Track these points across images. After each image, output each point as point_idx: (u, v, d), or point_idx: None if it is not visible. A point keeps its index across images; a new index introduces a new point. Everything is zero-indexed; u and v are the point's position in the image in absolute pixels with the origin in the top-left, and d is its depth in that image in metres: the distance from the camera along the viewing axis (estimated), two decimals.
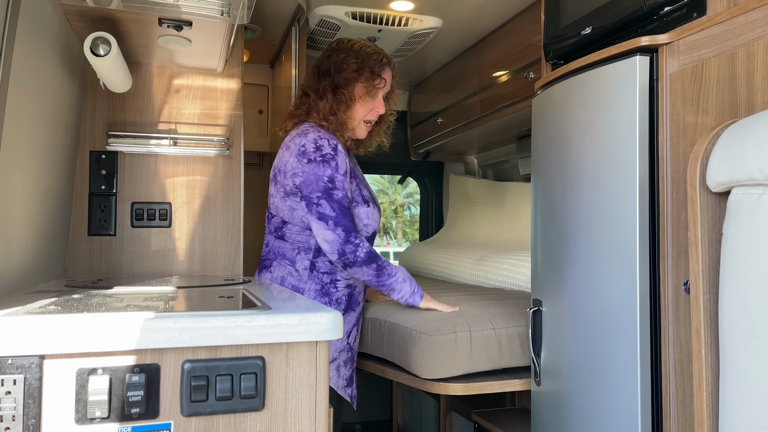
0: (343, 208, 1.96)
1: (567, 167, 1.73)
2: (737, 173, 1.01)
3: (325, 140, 1.99)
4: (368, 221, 2.08)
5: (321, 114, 2.06)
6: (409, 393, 3.44)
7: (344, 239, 1.94)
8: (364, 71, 2.08)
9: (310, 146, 1.97)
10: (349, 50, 2.10)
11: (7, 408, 0.96)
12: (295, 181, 1.98)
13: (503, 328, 2.03)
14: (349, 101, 2.07)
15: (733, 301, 1.00)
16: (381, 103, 2.14)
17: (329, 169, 1.95)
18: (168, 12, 1.78)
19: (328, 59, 2.11)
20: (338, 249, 1.94)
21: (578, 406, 1.67)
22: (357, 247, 1.95)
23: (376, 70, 2.09)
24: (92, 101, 2.26)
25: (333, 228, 1.93)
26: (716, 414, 1.07)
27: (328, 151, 1.97)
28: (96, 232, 2.24)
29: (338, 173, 1.97)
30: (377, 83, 2.10)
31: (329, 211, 1.94)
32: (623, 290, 1.51)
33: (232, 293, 1.54)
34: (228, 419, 1.07)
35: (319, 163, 1.95)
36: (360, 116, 2.12)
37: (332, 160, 1.97)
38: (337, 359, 2.07)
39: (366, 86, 2.09)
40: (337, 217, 1.94)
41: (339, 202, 1.95)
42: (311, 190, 1.95)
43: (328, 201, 1.94)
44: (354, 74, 2.07)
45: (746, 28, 1.26)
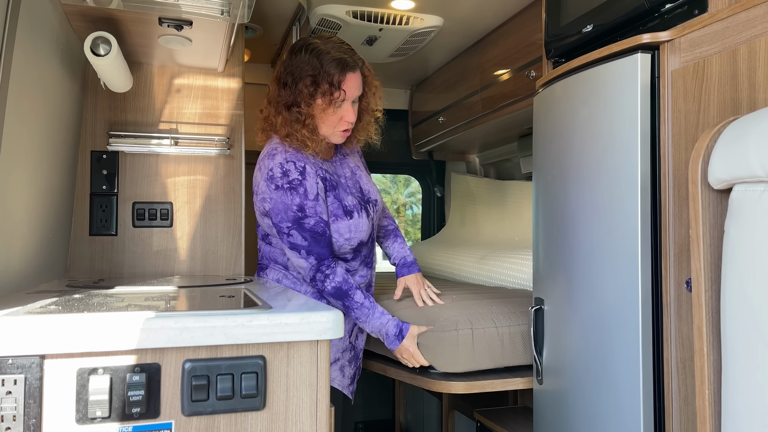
0: (316, 234, 1.89)
1: (568, 165, 1.73)
2: (739, 170, 1.01)
3: (292, 163, 1.87)
4: (350, 234, 1.97)
5: (280, 132, 1.92)
6: (412, 392, 3.44)
7: (316, 267, 1.91)
8: (322, 84, 1.86)
9: (277, 171, 1.87)
10: (309, 56, 1.88)
11: (7, 408, 0.96)
12: (265, 206, 1.91)
13: (505, 326, 2.03)
14: (306, 119, 1.88)
15: (736, 299, 1.00)
16: (349, 111, 1.93)
17: (297, 196, 1.86)
18: (168, 11, 1.78)
19: (286, 67, 1.92)
20: (310, 275, 1.93)
21: (580, 404, 1.67)
22: (326, 278, 1.90)
23: (335, 81, 1.87)
24: (93, 101, 2.26)
25: (305, 257, 1.91)
26: (719, 412, 1.06)
27: (294, 177, 1.86)
28: (97, 232, 2.24)
29: (308, 199, 1.87)
30: (337, 96, 1.88)
31: (300, 240, 1.89)
32: (625, 288, 1.50)
33: (233, 293, 1.54)
34: (229, 419, 1.07)
35: (286, 191, 1.86)
36: (327, 130, 1.94)
37: (300, 186, 1.86)
38: (341, 359, 2.07)
39: (325, 100, 1.88)
40: (309, 246, 1.89)
41: (311, 230, 1.88)
42: (281, 219, 1.88)
43: (298, 231, 1.88)
44: (311, 89, 1.87)
45: (748, 24, 1.25)
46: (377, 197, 2.14)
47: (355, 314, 1.95)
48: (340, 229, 1.96)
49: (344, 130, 1.97)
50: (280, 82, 1.93)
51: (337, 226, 1.95)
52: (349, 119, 1.94)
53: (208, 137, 2.36)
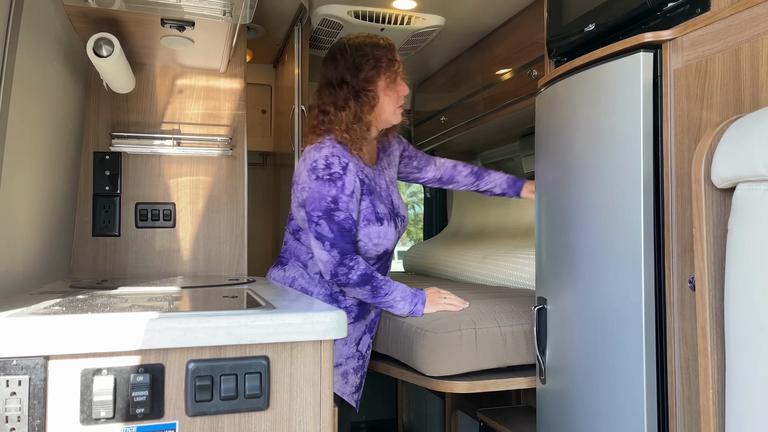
0: (343, 230, 1.93)
1: (571, 165, 1.73)
2: (742, 169, 1.01)
3: (337, 158, 1.95)
4: (379, 240, 2.03)
5: (344, 125, 1.99)
6: (415, 391, 3.44)
7: (338, 261, 1.93)
8: (381, 62, 2.01)
9: (321, 163, 1.94)
10: (355, 49, 2.02)
11: (12, 409, 0.96)
12: (303, 195, 1.98)
13: (508, 326, 2.03)
14: (373, 100, 2.01)
15: (739, 298, 1.00)
16: (403, 85, 2.08)
17: (334, 189, 1.92)
18: (170, 12, 1.78)
19: (336, 68, 2.03)
20: (331, 270, 1.94)
21: (584, 403, 1.67)
22: (350, 270, 1.93)
23: (390, 56, 2.03)
24: (96, 102, 2.26)
25: (329, 249, 1.92)
26: (723, 411, 1.06)
27: (336, 170, 1.94)
28: (100, 232, 2.24)
29: (343, 193, 1.93)
30: (396, 68, 2.04)
31: (327, 232, 1.92)
32: (628, 287, 1.50)
33: (236, 293, 1.54)
34: (233, 419, 1.07)
35: (325, 182, 1.93)
36: (391, 108, 2.06)
37: (339, 179, 1.93)
38: (344, 365, 2.06)
39: (387, 76, 2.02)
40: (335, 239, 1.92)
41: (339, 224, 1.92)
42: (313, 207, 1.93)
43: (327, 222, 1.92)
44: (374, 71, 2.01)
45: (751, 23, 1.25)
46: (405, 214, 2.21)
47: (383, 291, 1.99)
48: (371, 233, 2.01)
49: (401, 107, 2.10)
50: (334, 84, 2.03)
51: (368, 230, 2.01)
52: (405, 92, 2.08)
53: (210, 138, 2.36)
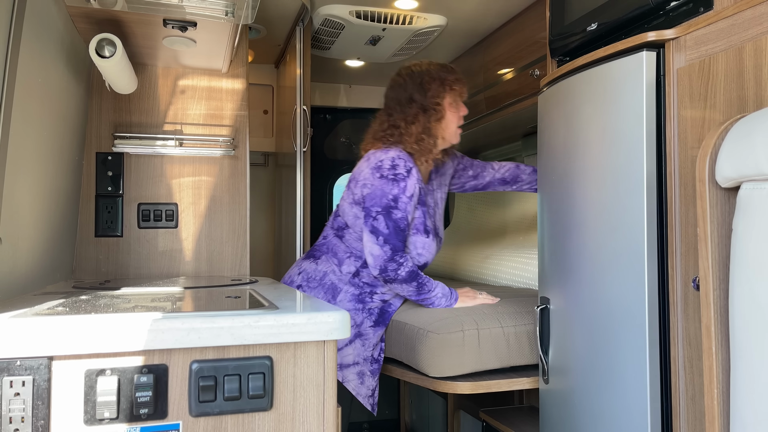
0: (398, 228, 2.02)
1: (573, 164, 1.72)
2: (747, 168, 1.00)
3: (402, 161, 2.06)
4: (422, 251, 2.12)
5: (414, 137, 2.12)
6: (417, 392, 3.44)
7: (389, 257, 2.00)
8: (447, 81, 2.16)
9: (387, 163, 2.05)
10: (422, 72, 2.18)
11: (16, 409, 0.96)
12: (364, 191, 2.07)
13: (511, 326, 2.03)
14: (440, 115, 2.15)
15: (744, 297, 1.00)
16: (464, 106, 2.23)
17: (396, 188, 2.02)
18: (173, 13, 1.78)
19: (405, 89, 2.17)
20: (381, 265, 2.00)
21: (587, 403, 1.66)
22: (400, 266, 2.00)
23: (454, 76, 2.19)
24: (98, 103, 2.26)
25: (381, 244, 2.00)
26: (727, 411, 1.06)
27: (401, 172, 2.04)
28: (103, 233, 2.25)
29: (404, 194, 2.03)
30: (460, 88, 2.19)
31: (383, 227, 2.00)
32: (631, 287, 1.50)
33: (239, 293, 1.54)
34: (236, 419, 1.07)
35: (389, 181, 2.03)
36: (454, 124, 2.19)
37: (402, 180, 2.03)
38: (361, 365, 2.08)
39: (452, 94, 2.17)
40: (389, 235, 2.00)
41: (395, 221, 2.01)
42: (373, 203, 2.02)
43: (385, 218, 2.00)
44: (440, 88, 2.15)
45: (754, 22, 1.24)
46: (443, 236, 2.31)
47: (427, 287, 2.06)
48: (417, 242, 2.11)
49: (460, 127, 2.23)
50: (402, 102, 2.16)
51: (414, 239, 2.10)
52: (465, 112, 2.23)
53: (212, 138, 2.36)
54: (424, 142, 2.13)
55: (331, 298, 2.10)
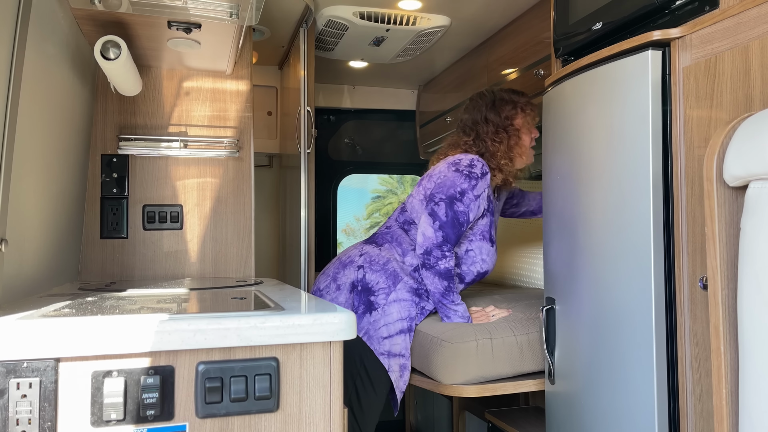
0: (456, 221, 2.06)
1: (579, 164, 1.72)
2: (754, 167, 1.00)
3: (481, 164, 2.14)
4: (486, 258, 2.18)
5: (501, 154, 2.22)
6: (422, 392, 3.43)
7: (439, 243, 2.03)
8: (519, 103, 2.27)
9: (465, 162, 2.13)
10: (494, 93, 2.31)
11: (23, 411, 0.96)
12: (436, 181, 2.13)
13: (524, 334, 2.02)
14: (517, 135, 2.26)
15: (753, 296, 0.99)
16: (535, 130, 2.31)
17: (467, 183, 2.08)
18: (177, 15, 1.79)
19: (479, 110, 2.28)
20: (428, 246, 2.04)
21: (593, 404, 1.66)
22: (443, 258, 2.04)
23: (526, 99, 2.31)
24: (103, 105, 2.26)
25: (436, 228, 2.04)
26: (736, 411, 1.05)
27: (476, 171, 2.11)
28: (108, 235, 2.25)
29: (472, 192, 2.08)
30: (532, 109, 2.29)
31: (443, 214, 2.05)
32: (638, 287, 1.49)
33: (244, 294, 1.54)
34: (243, 420, 1.07)
35: (462, 175, 2.09)
36: (527, 143, 2.29)
37: (475, 179, 2.09)
38: (405, 358, 2.08)
39: (523, 116, 2.27)
40: (445, 224, 2.04)
41: (456, 213, 2.05)
42: (439, 190, 2.09)
43: (447, 206, 2.05)
44: (513, 110, 2.26)
45: (760, 20, 1.24)
46: None
47: (449, 298, 2.08)
48: (483, 249, 2.16)
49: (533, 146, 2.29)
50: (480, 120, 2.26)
51: (481, 244, 2.16)
52: (536, 135, 2.29)
53: (217, 139, 2.36)
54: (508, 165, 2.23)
55: (392, 284, 2.11)
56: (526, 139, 2.28)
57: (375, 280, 2.12)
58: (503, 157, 2.23)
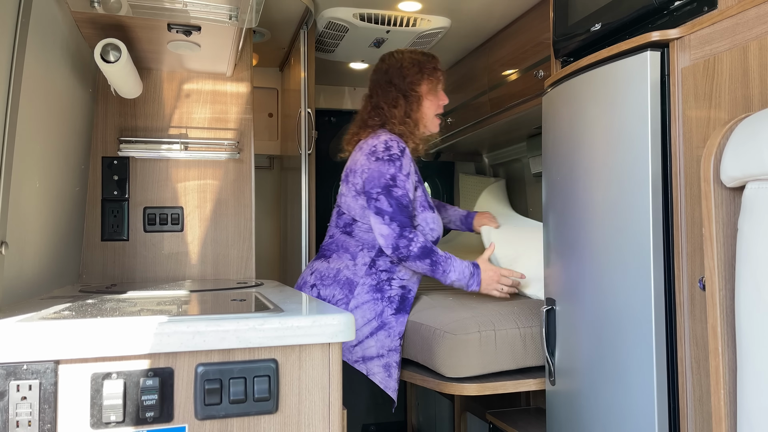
0: (401, 205, 2.05)
1: (578, 165, 1.72)
2: (752, 167, 1.00)
3: (395, 142, 2.12)
4: (434, 226, 2.18)
5: (397, 119, 2.19)
6: (424, 393, 3.43)
7: (398, 233, 2.03)
8: (425, 67, 2.24)
9: (381, 146, 2.11)
10: (401, 57, 2.27)
11: (23, 413, 0.96)
12: (363, 177, 2.11)
13: (527, 327, 2.03)
14: (419, 100, 2.22)
15: (750, 297, 0.99)
16: (443, 95, 2.30)
17: (393, 167, 2.07)
18: (177, 17, 1.79)
19: (386, 72, 2.26)
20: (392, 243, 2.03)
21: (594, 405, 1.66)
22: (410, 242, 2.03)
23: (432, 64, 2.27)
24: (103, 107, 2.27)
25: (388, 223, 2.03)
26: (734, 412, 1.06)
27: (395, 152, 2.10)
28: (109, 237, 2.25)
29: (401, 173, 2.08)
30: (438, 75, 2.27)
31: (386, 206, 2.04)
32: (637, 288, 1.50)
33: (244, 296, 1.54)
34: (242, 422, 1.07)
35: (385, 161, 2.08)
36: (431, 111, 2.26)
37: (398, 160, 2.09)
38: (386, 357, 2.08)
39: (430, 81, 2.24)
40: (394, 213, 2.04)
41: (397, 199, 2.05)
42: (373, 185, 2.07)
43: (386, 197, 2.04)
44: (418, 75, 2.23)
45: (758, 21, 1.24)
46: None
47: (442, 267, 2.07)
48: (428, 218, 2.16)
49: (438, 116, 2.29)
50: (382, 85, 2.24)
51: (425, 215, 2.16)
52: (445, 101, 2.29)
53: (217, 141, 2.37)
54: (408, 125, 2.20)
55: (348, 293, 2.10)
56: (429, 106, 2.25)
57: (330, 294, 2.12)
58: (400, 123, 2.19)
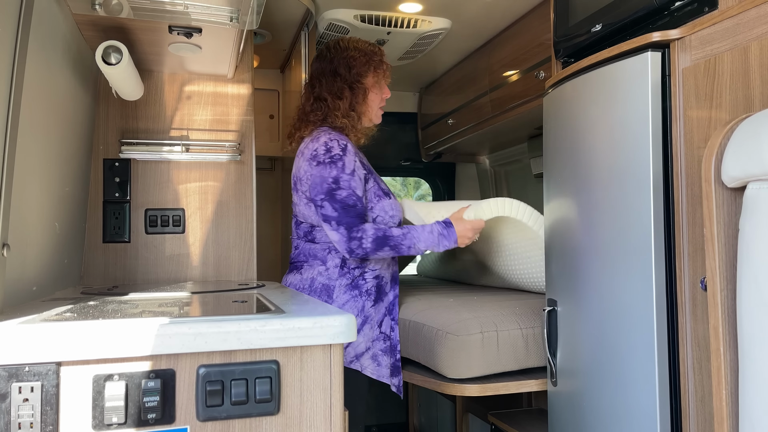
0: (347, 206, 2.00)
1: (579, 165, 1.72)
2: (753, 167, 1.00)
3: (335, 141, 2.06)
4: (393, 212, 2.14)
5: (342, 112, 2.14)
6: (425, 395, 3.43)
7: (347, 236, 1.98)
8: (372, 62, 2.19)
9: (321, 149, 2.05)
10: (348, 46, 2.21)
11: (24, 415, 0.97)
12: (308, 183, 2.06)
13: (529, 327, 2.03)
14: (365, 92, 2.18)
15: (752, 297, 0.99)
16: (387, 90, 2.26)
17: (335, 169, 2.02)
18: (178, 19, 1.79)
19: (331, 61, 2.19)
20: (345, 247, 1.99)
21: (596, 406, 1.66)
22: (361, 240, 1.98)
23: (379, 57, 2.23)
24: (105, 109, 2.27)
25: (336, 228, 1.99)
26: (736, 412, 1.05)
27: (336, 152, 2.04)
28: (111, 239, 2.26)
29: (344, 173, 2.02)
30: (384, 68, 2.22)
31: (331, 211, 2.00)
32: (639, 288, 1.49)
33: (246, 298, 1.54)
34: (244, 423, 1.07)
35: (326, 165, 2.02)
36: (376, 104, 2.23)
37: (339, 160, 2.03)
38: (372, 348, 2.08)
39: (375, 75, 2.20)
40: (339, 216, 1.99)
41: (341, 201, 2.00)
42: (316, 192, 2.02)
43: (330, 202, 2.00)
44: (364, 67, 2.18)
45: (759, 21, 1.24)
46: None
47: (406, 244, 2.03)
48: (385, 207, 2.12)
49: (382, 108, 2.25)
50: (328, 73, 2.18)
51: (382, 204, 2.12)
52: (387, 95, 2.25)
53: (218, 143, 2.37)
54: (352, 117, 2.17)
55: (328, 298, 2.08)
56: (374, 99, 2.22)
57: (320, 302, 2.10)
58: (343, 116, 2.15)
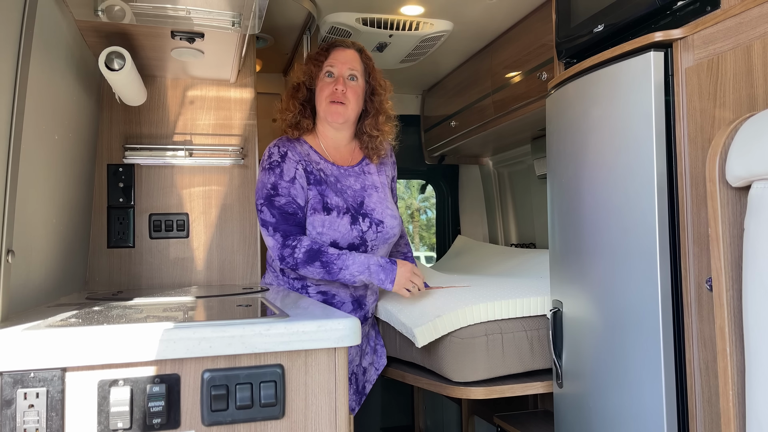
0: (285, 213, 2.00)
1: (583, 166, 1.72)
2: (757, 167, 0.99)
3: (276, 147, 2.09)
4: (322, 230, 2.01)
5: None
6: (431, 397, 3.42)
7: (281, 243, 1.97)
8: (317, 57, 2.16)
9: (265, 155, 2.10)
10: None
11: (30, 421, 0.97)
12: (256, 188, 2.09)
13: (534, 329, 2.02)
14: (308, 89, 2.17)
15: (758, 297, 0.99)
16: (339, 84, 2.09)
17: (273, 176, 2.03)
18: (180, 25, 1.80)
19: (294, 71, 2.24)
20: (278, 254, 1.98)
21: (602, 407, 1.65)
22: (294, 249, 1.96)
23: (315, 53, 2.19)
24: (108, 115, 2.28)
25: (272, 234, 1.99)
26: (743, 413, 1.05)
27: (275, 159, 2.06)
28: (115, 244, 2.26)
29: (282, 180, 2.02)
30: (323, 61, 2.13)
31: (269, 217, 2.00)
32: (644, 289, 1.49)
33: (250, 302, 1.54)
34: (249, 428, 1.07)
35: (266, 171, 2.05)
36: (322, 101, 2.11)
37: (278, 167, 2.04)
38: None
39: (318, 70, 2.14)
40: (276, 223, 1.99)
41: (279, 208, 2.00)
42: (257, 197, 2.04)
43: (268, 207, 2.00)
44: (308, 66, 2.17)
45: (761, 20, 1.24)
46: (384, 220, 2.13)
47: (337, 266, 1.95)
48: (315, 222, 2.02)
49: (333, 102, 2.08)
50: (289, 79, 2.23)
51: (312, 218, 2.03)
52: (338, 87, 2.08)
53: (222, 148, 2.38)
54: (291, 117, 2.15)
55: None
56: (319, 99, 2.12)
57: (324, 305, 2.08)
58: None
